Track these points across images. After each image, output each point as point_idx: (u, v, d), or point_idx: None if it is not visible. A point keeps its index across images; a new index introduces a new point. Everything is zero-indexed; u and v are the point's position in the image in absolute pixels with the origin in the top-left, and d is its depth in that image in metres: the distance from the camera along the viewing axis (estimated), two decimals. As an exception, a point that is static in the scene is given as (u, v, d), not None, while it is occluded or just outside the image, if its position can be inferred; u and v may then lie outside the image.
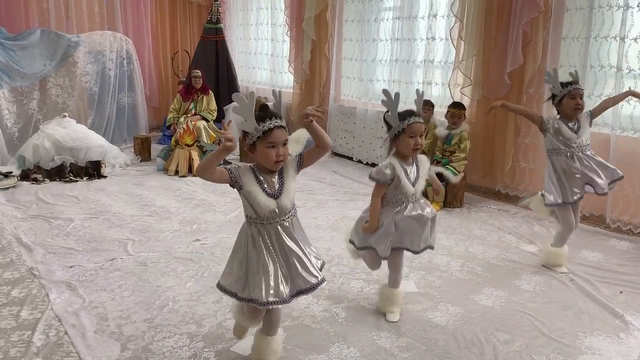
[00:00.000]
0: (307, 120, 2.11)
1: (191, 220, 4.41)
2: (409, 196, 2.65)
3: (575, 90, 3.30)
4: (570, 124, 3.34)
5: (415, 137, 2.61)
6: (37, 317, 2.80)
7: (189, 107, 6.59)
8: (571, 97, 3.30)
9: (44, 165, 5.74)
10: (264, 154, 2.09)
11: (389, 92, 2.60)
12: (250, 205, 2.13)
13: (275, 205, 2.12)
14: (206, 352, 2.51)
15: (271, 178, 2.14)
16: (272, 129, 2.06)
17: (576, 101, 3.29)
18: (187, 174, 5.87)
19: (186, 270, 3.43)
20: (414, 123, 2.60)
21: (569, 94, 3.31)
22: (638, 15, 4.03)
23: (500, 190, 5.17)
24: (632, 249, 3.89)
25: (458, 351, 2.55)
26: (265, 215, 2.12)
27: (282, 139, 2.09)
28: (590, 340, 2.66)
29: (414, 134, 2.60)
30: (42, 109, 6.68)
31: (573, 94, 3.30)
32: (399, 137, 2.63)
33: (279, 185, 2.15)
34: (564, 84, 3.34)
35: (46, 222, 4.31)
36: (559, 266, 3.49)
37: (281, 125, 2.09)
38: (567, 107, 3.33)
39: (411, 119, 2.61)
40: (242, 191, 2.12)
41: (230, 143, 1.97)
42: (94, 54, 7.07)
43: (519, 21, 4.62)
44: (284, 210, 2.15)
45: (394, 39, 5.98)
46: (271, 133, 2.06)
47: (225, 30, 8.55)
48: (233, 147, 1.97)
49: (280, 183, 2.15)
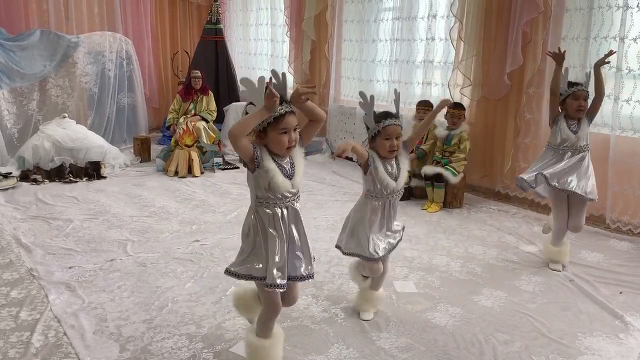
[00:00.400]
0: (303, 100, 2.10)
1: (191, 221, 4.41)
2: (389, 190, 2.61)
3: (580, 91, 3.31)
4: (570, 123, 3.35)
5: (391, 140, 2.56)
6: (36, 318, 2.80)
7: (189, 108, 6.59)
8: (574, 98, 3.32)
9: (44, 166, 5.74)
10: (276, 139, 2.07)
11: (365, 93, 2.56)
12: (265, 184, 2.10)
13: (290, 184, 2.13)
14: (205, 353, 2.51)
15: (282, 161, 2.14)
16: (283, 114, 2.05)
17: (579, 102, 3.31)
18: (186, 175, 5.87)
19: (185, 271, 3.43)
20: (389, 125, 2.56)
21: (573, 94, 3.32)
22: (637, 16, 4.03)
23: (500, 190, 5.17)
24: (632, 250, 3.89)
25: (457, 352, 2.55)
26: (280, 195, 2.12)
27: (294, 125, 2.09)
28: (590, 341, 2.65)
29: (390, 137, 2.56)
30: (41, 109, 6.68)
31: (577, 95, 3.31)
32: (376, 139, 2.60)
33: (290, 166, 2.16)
34: (571, 84, 3.36)
35: (45, 222, 4.31)
36: (556, 262, 3.52)
37: (292, 110, 2.09)
38: (570, 107, 3.34)
39: (387, 121, 2.56)
40: (258, 169, 2.08)
41: (276, 99, 1.97)
42: (93, 54, 7.07)
43: (518, 21, 4.62)
44: (297, 190, 2.18)
45: (394, 40, 5.98)
46: (283, 119, 2.05)
47: (225, 31, 8.55)
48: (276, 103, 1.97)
49: (291, 163, 2.17)
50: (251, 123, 2.01)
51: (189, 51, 8.73)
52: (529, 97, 4.79)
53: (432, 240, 4.03)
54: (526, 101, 4.80)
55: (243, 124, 2.00)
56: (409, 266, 3.53)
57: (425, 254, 3.75)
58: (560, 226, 3.47)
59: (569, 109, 3.35)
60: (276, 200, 2.12)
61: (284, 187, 2.11)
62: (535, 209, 4.78)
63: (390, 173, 2.61)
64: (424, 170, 4.84)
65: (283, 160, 2.14)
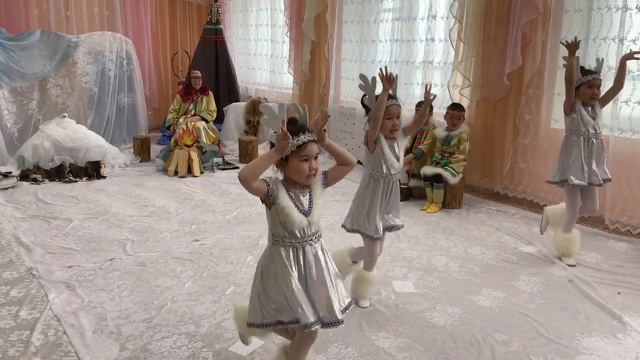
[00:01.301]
0: (322, 132, 2.08)
1: (190, 221, 4.41)
2: (394, 169, 2.76)
3: (594, 80, 3.42)
4: (586, 109, 3.45)
5: (392, 119, 2.71)
6: (36, 317, 2.80)
7: (189, 108, 6.60)
8: (589, 86, 3.43)
9: (44, 166, 5.74)
10: (297, 167, 2.02)
11: (365, 76, 2.69)
12: (281, 222, 2.03)
13: (307, 222, 2.05)
14: (204, 352, 2.52)
15: (301, 194, 2.07)
16: (306, 143, 2.01)
17: (593, 91, 3.42)
18: (186, 175, 5.87)
19: (185, 270, 3.43)
20: (391, 105, 2.69)
21: (587, 82, 3.42)
22: (637, 17, 4.04)
23: (499, 191, 5.18)
24: (631, 250, 3.89)
25: (456, 351, 2.56)
26: (296, 233, 2.04)
27: (315, 153, 2.04)
28: (588, 341, 2.66)
29: (391, 116, 2.71)
30: (41, 109, 6.68)
31: (591, 83, 3.41)
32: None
33: (308, 202, 2.09)
34: (585, 72, 3.44)
35: (45, 222, 4.31)
36: (568, 256, 3.57)
37: (314, 139, 2.05)
38: (584, 95, 3.44)
39: (388, 101, 2.68)
40: (274, 206, 2.01)
41: (288, 141, 1.91)
42: (93, 54, 7.07)
43: (518, 22, 4.63)
44: (315, 228, 2.09)
45: (394, 40, 5.98)
46: (305, 147, 2.01)
47: (225, 31, 8.55)
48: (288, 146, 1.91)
49: (309, 200, 2.09)
50: (261, 166, 1.95)
51: (189, 51, 8.74)
52: (529, 98, 4.80)
53: (431, 241, 4.04)
54: (525, 102, 4.80)
55: (253, 168, 1.94)
56: (408, 266, 3.54)
57: (424, 254, 3.76)
58: (575, 213, 3.57)
59: (583, 97, 3.45)
60: (292, 239, 2.05)
61: (300, 224, 2.02)
62: (534, 209, 4.78)
63: (394, 153, 2.76)
64: (423, 170, 4.85)
65: (301, 195, 2.07)
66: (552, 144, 4.66)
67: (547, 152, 4.73)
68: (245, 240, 3.97)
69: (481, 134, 5.16)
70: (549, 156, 4.70)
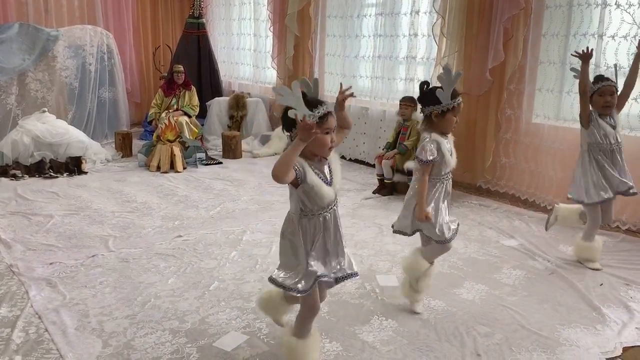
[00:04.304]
0: (344, 104, 2.19)
1: (173, 217, 4.39)
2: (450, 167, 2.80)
3: (605, 87, 3.23)
4: (606, 119, 3.27)
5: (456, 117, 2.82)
6: (16, 315, 2.77)
7: (171, 103, 6.55)
8: (600, 95, 3.25)
9: (23, 161, 5.65)
10: (321, 140, 2.06)
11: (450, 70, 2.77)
12: (310, 197, 2.10)
13: (334, 193, 2.15)
14: (188, 348, 2.51)
15: (321, 167, 2.14)
16: (327, 114, 2.07)
17: (605, 99, 3.23)
18: (168, 170, 5.83)
19: (168, 266, 3.42)
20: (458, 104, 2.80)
21: (598, 91, 3.24)
22: (615, 13, 4.10)
23: (482, 185, 5.23)
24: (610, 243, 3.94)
25: (439, 344, 2.58)
26: (324, 205, 2.13)
27: (334, 125, 2.12)
28: (568, 332, 2.70)
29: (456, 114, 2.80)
30: (20, 104, 6.58)
31: (602, 91, 3.24)
32: (445, 114, 2.76)
33: (329, 172, 2.16)
34: (596, 80, 3.29)
35: (25, 218, 4.25)
36: (592, 262, 3.46)
37: (331, 111, 2.12)
38: (596, 105, 3.27)
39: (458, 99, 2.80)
40: (303, 185, 2.06)
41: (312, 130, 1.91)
42: (73, 48, 6.98)
43: (500, 18, 4.67)
44: (337, 194, 2.20)
45: (377, 35, 6.00)
46: (327, 120, 2.07)
47: (208, 25, 8.49)
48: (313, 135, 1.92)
49: (329, 170, 2.17)
50: (291, 160, 1.94)
51: (171, 45, 8.66)
52: (510, 93, 4.84)
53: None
54: (507, 97, 4.85)
55: (285, 165, 1.93)
56: (392, 260, 3.56)
57: (407, 248, 3.76)
58: (598, 223, 3.43)
59: (596, 106, 3.27)
60: (320, 210, 2.14)
61: (329, 196, 2.12)
62: (516, 203, 4.84)
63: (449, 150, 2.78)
64: (406, 165, 4.88)
65: (322, 167, 2.14)
66: (534, 138, 4.72)
67: (528, 147, 4.78)
68: (229, 236, 3.96)
69: (463, 128, 5.19)
70: (530, 151, 4.75)
